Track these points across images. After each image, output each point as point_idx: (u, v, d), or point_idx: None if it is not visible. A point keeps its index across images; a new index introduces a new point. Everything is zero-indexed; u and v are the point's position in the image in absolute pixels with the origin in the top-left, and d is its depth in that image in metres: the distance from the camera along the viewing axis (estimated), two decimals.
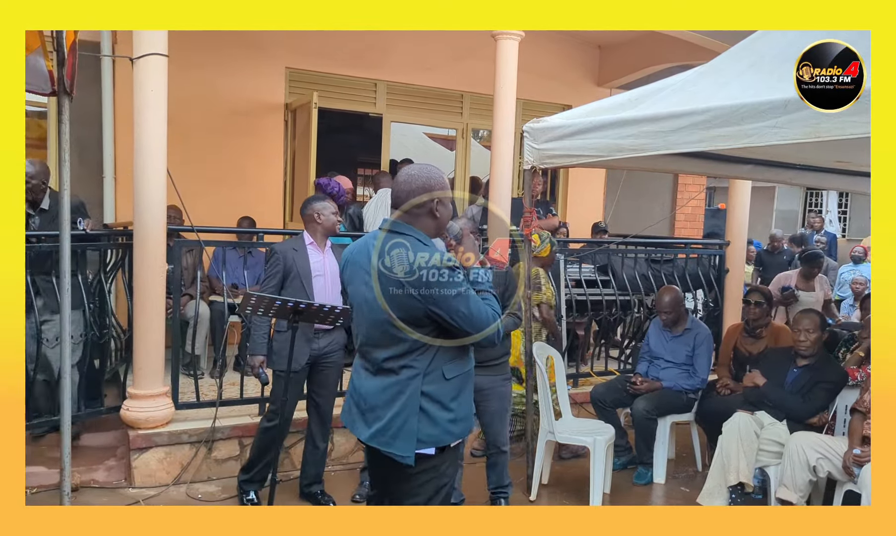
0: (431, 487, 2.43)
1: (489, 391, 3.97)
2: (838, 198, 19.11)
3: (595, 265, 6.40)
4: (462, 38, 7.33)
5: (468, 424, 2.48)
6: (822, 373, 4.28)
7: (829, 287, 7.20)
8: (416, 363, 2.34)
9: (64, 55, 3.10)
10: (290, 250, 3.98)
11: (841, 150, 4.24)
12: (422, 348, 2.34)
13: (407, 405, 2.33)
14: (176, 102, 4.53)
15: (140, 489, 4.30)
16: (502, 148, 5.53)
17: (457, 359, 2.40)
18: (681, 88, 3.61)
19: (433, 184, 2.40)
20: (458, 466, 2.60)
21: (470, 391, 2.50)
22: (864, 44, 2.64)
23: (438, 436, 2.36)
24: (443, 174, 2.47)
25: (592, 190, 8.99)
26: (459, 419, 2.40)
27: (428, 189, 2.39)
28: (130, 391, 4.40)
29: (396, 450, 2.35)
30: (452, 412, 2.37)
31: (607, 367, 6.17)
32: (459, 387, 2.41)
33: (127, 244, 4.78)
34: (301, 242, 4.03)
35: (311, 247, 4.02)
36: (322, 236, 4.05)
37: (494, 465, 4.10)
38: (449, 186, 2.48)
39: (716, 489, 4.18)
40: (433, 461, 2.39)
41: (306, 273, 3.94)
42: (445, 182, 2.45)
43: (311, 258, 3.99)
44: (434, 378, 2.35)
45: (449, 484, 2.51)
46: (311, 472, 4.20)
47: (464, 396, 2.44)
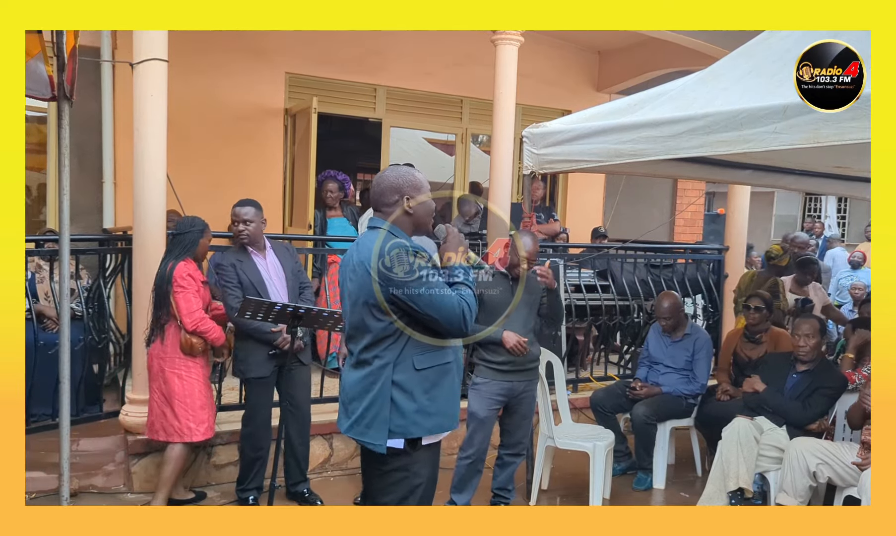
0: (405, 486, 2.45)
1: (524, 394, 4.02)
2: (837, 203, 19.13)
3: (594, 270, 6.40)
4: (462, 43, 7.35)
5: (442, 421, 2.47)
6: (821, 379, 4.27)
7: (823, 293, 6.86)
8: (386, 353, 2.40)
9: (64, 60, 3.11)
10: (235, 260, 3.96)
11: (840, 155, 4.26)
12: (392, 337, 2.40)
13: (379, 395, 2.39)
14: (176, 106, 4.54)
15: (139, 494, 4.29)
16: (502, 153, 5.53)
17: (430, 351, 2.43)
18: (680, 93, 3.61)
19: (401, 182, 2.50)
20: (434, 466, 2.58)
21: (450, 388, 2.49)
22: (864, 44, 2.64)
23: (406, 427, 2.39)
24: (415, 175, 2.55)
25: (592, 195, 8.99)
26: (431, 413, 2.42)
27: (396, 188, 2.50)
28: (129, 396, 4.40)
29: (370, 439, 2.41)
30: (421, 404, 2.40)
31: (607, 372, 6.16)
32: (433, 380, 2.43)
33: (126, 249, 4.78)
34: (243, 250, 4.01)
35: (253, 254, 4.01)
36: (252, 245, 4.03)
37: (506, 466, 4.13)
38: (423, 186, 2.55)
39: (715, 494, 4.17)
40: (404, 460, 2.42)
41: (258, 280, 3.95)
42: (417, 182, 2.53)
43: (257, 264, 4.00)
44: (404, 368, 2.39)
45: (424, 486, 2.50)
46: (295, 471, 4.21)
47: (438, 391, 2.44)
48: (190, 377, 3.90)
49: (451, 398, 2.49)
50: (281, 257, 4.09)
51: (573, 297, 5.94)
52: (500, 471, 4.15)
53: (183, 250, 3.90)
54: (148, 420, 4.03)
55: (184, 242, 3.91)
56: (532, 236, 4.03)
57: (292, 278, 4.08)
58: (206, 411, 3.95)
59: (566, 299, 5.81)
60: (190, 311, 3.81)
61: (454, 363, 2.52)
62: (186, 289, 3.81)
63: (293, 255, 4.18)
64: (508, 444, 4.12)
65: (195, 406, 3.90)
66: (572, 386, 5.80)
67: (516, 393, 4.00)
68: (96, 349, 4.83)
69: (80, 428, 4.52)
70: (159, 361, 3.91)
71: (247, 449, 4.08)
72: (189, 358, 3.89)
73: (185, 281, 3.82)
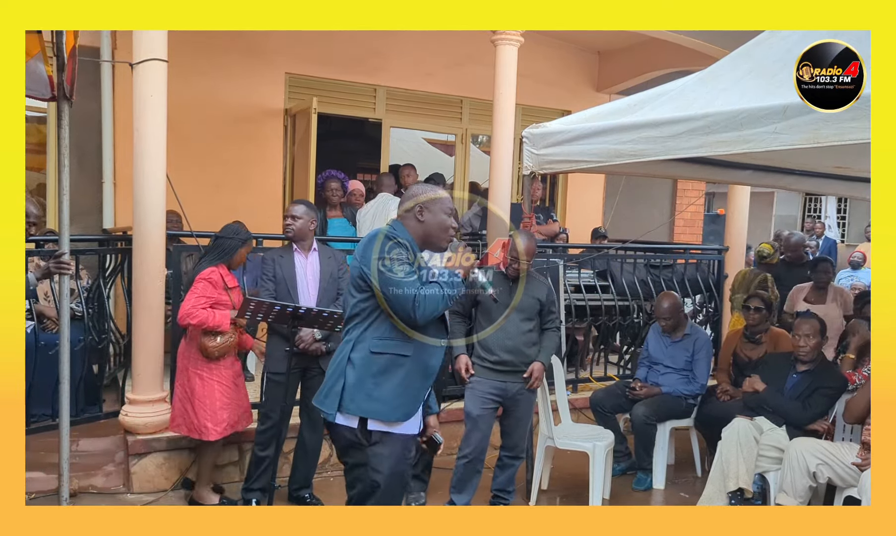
0: (365, 480, 2.56)
1: (519, 396, 4.02)
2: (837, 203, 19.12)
3: (594, 271, 6.39)
4: (461, 43, 7.35)
5: (381, 409, 2.53)
6: (821, 379, 4.27)
7: (848, 295, 6.05)
8: (352, 331, 2.59)
9: (64, 60, 3.11)
10: (278, 256, 4.05)
11: (840, 155, 4.26)
12: (359, 316, 2.57)
13: (337, 368, 2.57)
14: (175, 107, 4.54)
15: (138, 494, 4.29)
16: (501, 153, 5.53)
17: (388, 339, 2.54)
18: (680, 93, 3.61)
19: (419, 193, 2.71)
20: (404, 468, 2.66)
21: (400, 381, 2.55)
22: (864, 44, 2.64)
23: (347, 403, 2.52)
24: (438, 192, 2.72)
25: (592, 195, 8.99)
26: (373, 397, 2.51)
27: (414, 196, 2.70)
28: (129, 397, 4.39)
29: (325, 408, 2.58)
30: (366, 386, 2.51)
31: (606, 372, 6.16)
32: (383, 367, 2.53)
33: (126, 249, 4.78)
34: (288, 247, 4.09)
35: (296, 252, 4.06)
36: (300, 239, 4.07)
37: (507, 467, 4.14)
38: (441, 203, 2.69)
39: (715, 494, 4.16)
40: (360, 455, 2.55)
41: (291, 277, 3.99)
42: (437, 198, 2.69)
43: (295, 262, 4.04)
44: (361, 348, 2.54)
45: (384, 482, 2.56)
46: (300, 476, 4.21)
47: (386, 379, 2.53)
48: (211, 378, 3.95)
49: (399, 392, 2.55)
50: (323, 261, 4.12)
51: (573, 297, 5.94)
52: (500, 472, 4.15)
53: (219, 255, 3.97)
54: (171, 413, 4.13)
55: (222, 247, 3.99)
56: (529, 236, 4.03)
57: (329, 283, 4.08)
58: (226, 411, 3.98)
59: (566, 300, 5.81)
60: (184, 305, 3.84)
61: (413, 360, 2.57)
62: (196, 290, 3.85)
63: (338, 261, 4.19)
64: (507, 446, 4.13)
65: (214, 407, 3.94)
66: (572, 386, 5.80)
67: (511, 394, 4.00)
68: (96, 349, 4.83)
69: (79, 428, 4.51)
70: (184, 359, 4.00)
71: (255, 447, 4.07)
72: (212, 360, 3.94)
73: (200, 283, 3.86)
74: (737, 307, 6.15)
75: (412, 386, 2.59)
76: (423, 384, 2.64)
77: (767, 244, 6.70)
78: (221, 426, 3.96)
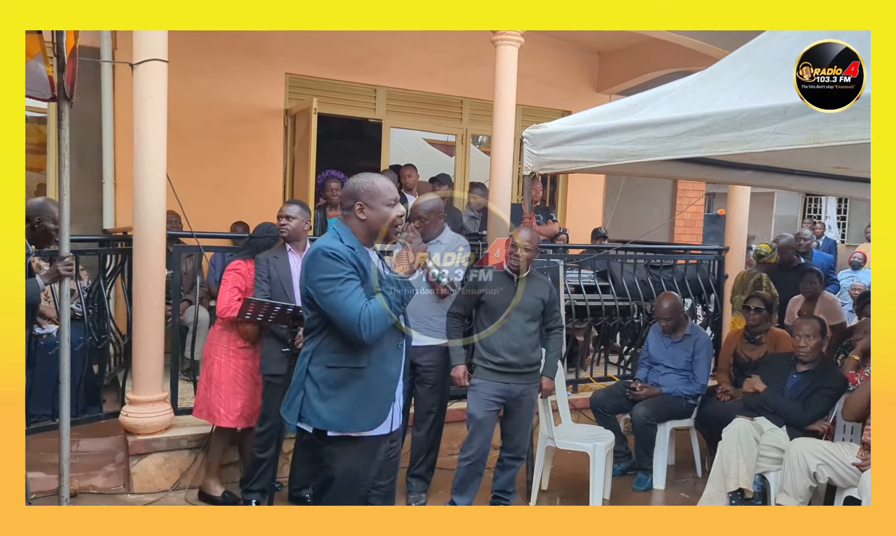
0: (324, 475, 2.64)
1: (522, 397, 4.03)
2: (837, 204, 19.11)
3: (594, 271, 6.39)
4: (462, 43, 7.35)
5: (339, 421, 2.55)
6: (822, 379, 4.27)
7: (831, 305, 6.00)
8: (309, 342, 2.64)
9: (64, 61, 3.11)
10: (272, 257, 4.05)
11: (840, 155, 4.26)
12: (314, 330, 2.61)
13: (297, 380, 2.62)
14: (176, 107, 4.54)
15: (139, 495, 4.29)
16: (502, 154, 5.53)
17: (342, 352, 2.56)
18: (680, 93, 3.61)
19: (358, 189, 2.64)
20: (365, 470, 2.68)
21: (359, 392, 2.56)
22: (864, 44, 2.64)
23: (308, 415, 2.57)
24: (374, 183, 2.64)
25: (592, 196, 8.99)
26: (333, 409, 2.54)
27: (353, 194, 2.64)
28: (129, 397, 4.39)
29: (287, 417, 2.66)
30: (325, 398, 2.55)
31: (607, 373, 6.16)
32: (339, 380, 2.56)
33: (126, 250, 4.78)
34: (282, 247, 4.09)
35: (290, 252, 4.07)
36: (293, 239, 4.09)
37: (507, 469, 4.13)
38: (381, 194, 2.62)
39: (715, 494, 4.16)
40: (318, 450, 2.63)
41: (286, 277, 3.99)
42: (375, 190, 2.62)
43: (290, 262, 4.04)
44: (318, 361, 2.58)
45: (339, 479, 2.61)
46: (300, 476, 4.20)
47: (343, 391, 2.55)
48: (229, 365, 4.09)
49: (357, 403, 2.56)
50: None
51: (573, 297, 5.94)
52: (501, 473, 4.15)
53: (250, 251, 4.18)
54: (195, 399, 4.28)
55: (256, 245, 4.18)
56: (529, 229, 4.06)
57: None
58: (240, 400, 4.09)
59: (566, 300, 5.81)
60: (220, 300, 4.05)
61: (370, 370, 2.58)
62: (227, 282, 4.07)
63: None
64: (508, 447, 4.12)
65: (228, 394, 4.06)
66: (572, 387, 5.80)
67: (514, 395, 3.99)
68: (96, 349, 4.83)
69: (80, 429, 4.51)
70: (209, 347, 4.17)
71: (255, 448, 4.07)
72: (232, 347, 4.09)
73: (229, 274, 4.09)
74: (737, 308, 6.14)
75: (375, 395, 2.60)
76: (387, 390, 2.63)
77: (766, 244, 6.69)
78: (234, 415, 4.07)
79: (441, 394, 4.22)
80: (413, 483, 4.27)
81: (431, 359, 4.09)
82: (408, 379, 3.82)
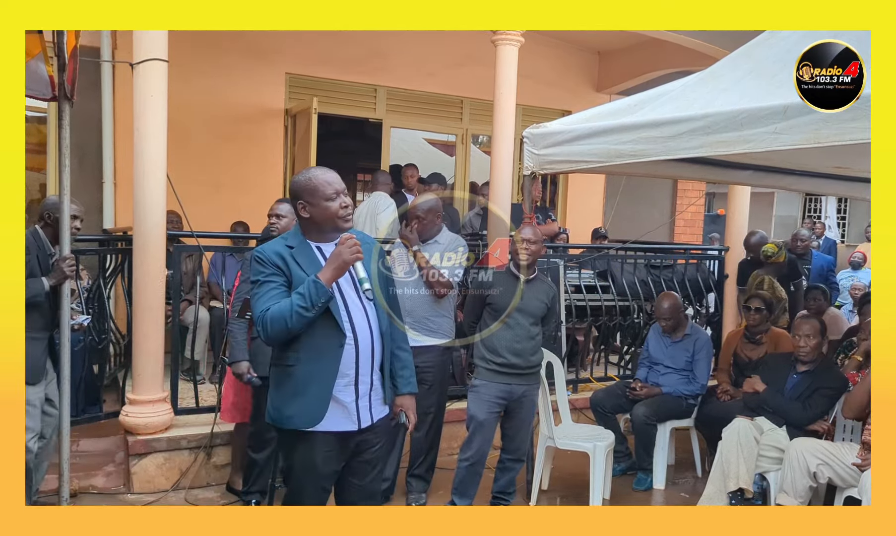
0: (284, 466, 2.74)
1: (524, 398, 4.01)
2: (837, 204, 19.12)
3: (595, 271, 6.39)
4: (462, 43, 7.35)
5: (273, 414, 2.63)
6: (822, 379, 4.27)
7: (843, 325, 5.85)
8: None
9: (64, 60, 3.12)
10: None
11: (840, 155, 4.25)
12: None
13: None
14: (176, 107, 4.54)
15: (139, 495, 4.29)
16: (502, 154, 5.53)
17: (278, 351, 2.64)
18: (680, 93, 3.61)
19: (298, 189, 2.61)
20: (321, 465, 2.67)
21: (291, 389, 2.58)
22: (864, 44, 2.64)
23: (268, 408, 2.68)
24: (311, 179, 2.59)
25: (592, 196, 8.99)
26: (275, 407, 2.64)
27: (295, 194, 2.62)
28: (129, 397, 4.40)
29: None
30: (272, 395, 2.66)
31: (607, 373, 6.16)
32: (277, 378, 2.64)
33: (126, 249, 4.78)
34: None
35: None
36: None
37: (508, 470, 4.12)
38: (318, 189, 2.57)
39: (715, 494, 4.16)
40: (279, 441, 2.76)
41: None
42: (311, 186, 2.57)
43: None
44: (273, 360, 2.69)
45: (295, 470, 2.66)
46: None
47: (281, 389, 2.62)
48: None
49: (291, 400, 2.59)
50: None
51: (573, 297, 5.94)
52: (501, 475, 4.14)
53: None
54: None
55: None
56: (532, 227, 4.05)
57: None
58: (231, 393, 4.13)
59: (566, 300, 5.82)
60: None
61: (298, 368, 2.57)
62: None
63: None
64: (509, 449, 4.11)
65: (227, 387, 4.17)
66: (572, 387, 5.80)
67: (516, 396, 3.98)
68: (96, 349, 4.83)
69: (80, 428, 4.51)
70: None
71: (249, 449, 4.08)
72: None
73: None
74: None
75: (305, 393, 2.57)
76: (320, 389, 2.56)
77: (772, 244, 6.63)
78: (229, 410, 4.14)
79: (439, 394, 4.22)
80: (413, 483, 4.27)
81: (429, 360, 4.07)
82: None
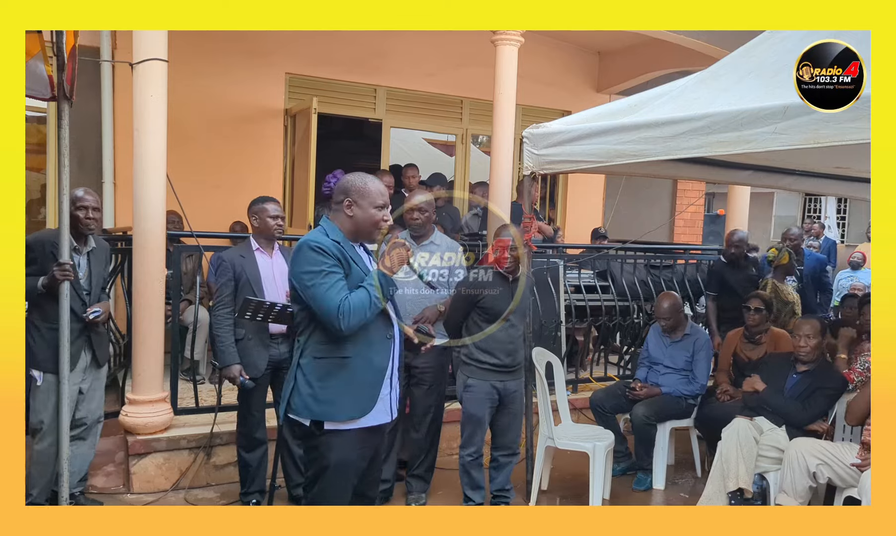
0: (316, 465, 2.68)
1: (515, 393, 4.06)
2: (837, 204, 19.14)
3: (594, 271, 6.40)
4: (462, 43, 7.35)
5: (329, 410, 2.61)
6: (821, 379, 4.27)
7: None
8: (301, 337, 2.71)
9: (64, 60, 3.11)
10: (238, 256, 3.99)
11: (840, 155, 4.26)
12: (303, 323, 2.68)
13: (290, 372, 2.72)
14: (176, 107, 4.54)
15: (138, 495, 4.29)
16: (502, 154, 5.53)
17: (328, 343, 2.62)
18: (680, 93, 3.61)
19: (349, 187, 2.69)
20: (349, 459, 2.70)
21: (346, 381, 2.62)
22: (864, 44, 2.64)
23: (300, 407, 2.64)
24: (367, 184, 2.69)
25: (592, 196, 9.00)
26: (320, 400, 2.61)
27: (345, 190, 2.70)
28: (129, 397, 4.40)
29: (280, 410, 2.76)
30: (314, 390, 2.61)
31: (607, 373, 6.16)
32: (327, 370, 2.62)
33: (126, 249, 4.78)
34: (248, 247, 4.04)
35: (258, 252, 4.03)
36: (264, 240, 4.05)
37: (502, 467, 4.13)
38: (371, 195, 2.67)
39: (715, 494, 4.16)
40: (314, 440, 2.66)
41: (255, 278, 3.95)
42: (366, 190, 2.68)
43: (258, 263, 4.00)
44: (307, 354, 2.66)
45: (332, 470, 2.65)
46: (295, 474, 4.20)
47: (332, 381, 2.61)
48: None
49: (346, 391, 2.62)
50: (287, 259, 4.10)
51: (573, 297, 5.94)
52: (497, 473, 4.13)
53: None
54: None
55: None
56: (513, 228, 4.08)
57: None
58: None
59: (566, 300, 5.82)
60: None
61: (355, 359, 2.63)
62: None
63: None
64: (502, 445, 4.12)
65: None
66: (572, 387, 5.80)
67: (510, 391, 4.03)
68: None
69: None
70: None
71: (240, 450, 4.08)
72: None
73: None
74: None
75: (361, 384, 2.64)
76: (374, 379, 2.68)
77: (772, 248, 6.57)
78: None
79: (438, 395, 4.22)
80: (413, 483, 4.27)
81: (427, 360, 4.08)
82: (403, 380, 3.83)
